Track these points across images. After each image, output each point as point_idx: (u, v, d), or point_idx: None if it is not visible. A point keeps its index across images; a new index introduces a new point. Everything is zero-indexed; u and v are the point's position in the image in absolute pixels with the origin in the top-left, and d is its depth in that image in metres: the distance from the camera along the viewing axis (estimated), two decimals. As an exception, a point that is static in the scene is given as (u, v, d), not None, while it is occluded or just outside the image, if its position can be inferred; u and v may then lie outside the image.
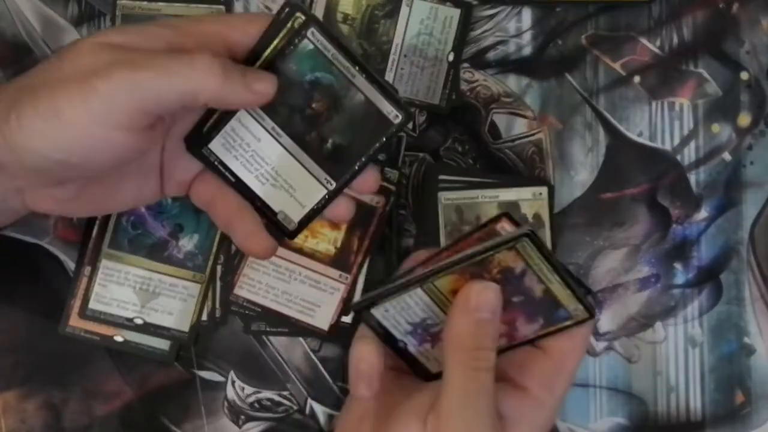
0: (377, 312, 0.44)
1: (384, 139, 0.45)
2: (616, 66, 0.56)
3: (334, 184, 0.46)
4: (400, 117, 0.45)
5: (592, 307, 0.43)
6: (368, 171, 0.47)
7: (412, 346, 0.45)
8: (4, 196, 0.45)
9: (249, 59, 0.44)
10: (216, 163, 0.45)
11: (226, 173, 0.46)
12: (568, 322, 0.44)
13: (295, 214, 0.46)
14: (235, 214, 0.46)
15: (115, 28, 0.42)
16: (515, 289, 0.42)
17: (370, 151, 0.46)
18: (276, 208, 0.46)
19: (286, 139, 0.45)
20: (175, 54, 0.40)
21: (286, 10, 0.43)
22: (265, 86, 0.42)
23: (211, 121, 0.45)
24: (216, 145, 0.45)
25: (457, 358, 0.42)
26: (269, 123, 0.45)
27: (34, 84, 0.41)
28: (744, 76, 0.56)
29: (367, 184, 0.47)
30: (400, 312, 0.44)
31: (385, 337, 0.45)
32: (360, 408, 0.47)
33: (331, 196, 0.46)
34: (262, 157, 0.45)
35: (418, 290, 0.43)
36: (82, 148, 0.40)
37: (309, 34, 0.43)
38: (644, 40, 0.56)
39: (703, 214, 0.56)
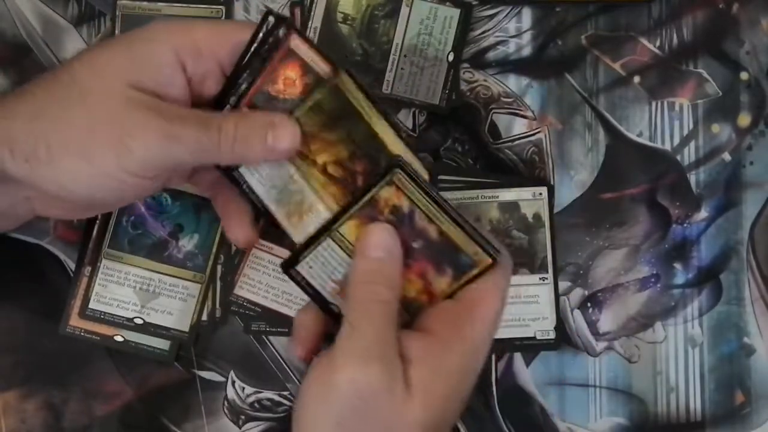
0: (303, 270, 0.44)
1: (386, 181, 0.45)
2: (616, 66, 0.56)
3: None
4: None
5: (494, 249, 0.43)
6: None
7: (342, 308, 0.45)
8: (14, 204, 0.46)
9: (235, 72, 0.44)
10: (245, 187, 0.46)
11: (245, 188, 0.46)
12: (475, 271, 0.43)
13: (303, 232, 0.46)
14: (231, 200, 0.47)
15: (126, 56, 0.42)
16: (411, 232, 0.43)
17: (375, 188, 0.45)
18: (282, 220, 0.46)
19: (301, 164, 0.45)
20: (203, 126, 0.42)
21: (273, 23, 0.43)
22: (285, 145, 0.43)
23: None
24: (244, 169, 0.45)
25: (351, 294, 0.42)
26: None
27: (55, 114, 0.41)
28: (744, 76, 0.56)
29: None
30: (323, 268, 0.44)
31: (319, 301, 0.45)
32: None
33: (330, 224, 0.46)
34: (277, 172, 0.45)
35: (330, 242, 0.44)
36: (111, 192, 0.43)
37: (292, 44, 0.43)
38: (644, 40, 0.56)
39: (703, 214, 0.56)
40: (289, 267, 0.45)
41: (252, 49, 0.43)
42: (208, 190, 0.49)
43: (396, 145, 0.43)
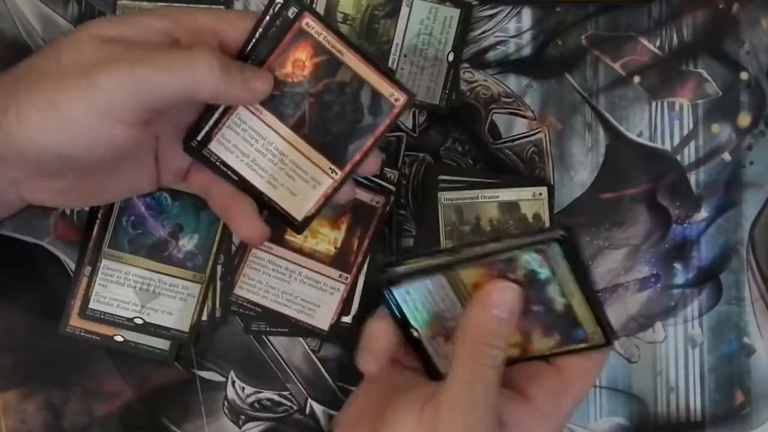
0: (398, 292, 0.43)
1: (387, 122, 0.44)
2: (616, 66, 0.56)
3: (339, 173, 0.45)
4: (402, 98, 0.44)
5: (612, 334, 0.42)
6: (371, 155, 0.46)
7: (425, 337, 0.45)
8: (2, 188, 0.44)
9: (242, 53, 0.43)
10: (218, 163, 0.45)
11: (229, 173, 0.45)
12: (583, 345, 0.43)
13: (302, 208, 0.46)
14: (231, 200, 0.46)
15: (109, 19, 0.42)
16: (537, 297, 0.42)
17: (373, 136, 0.45)
18: (282, 203, 0.46)
19: (287, 131, 0.45)
20: (174, 50, 0.41)
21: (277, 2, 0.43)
22: (262, 83, 0.42)
23: (210, 122, 0.45)
24: (216, 145, 0.45)
25: (465, 350, 0.41)
26: (268, 116, 0.44)
27: (31, 76, 0.41)
28: (744, 76, 0.56)
29: (369, 166, 0.47)
30: (421, 297, 0.43)
31: (401, 322, 0.44)
32: (362, 399, 0.47)
33: (336, 186, 0.46)
34: (263, 153, 0.45)
35: (442, 277, 0.42)
36: (82, 142, 0.41)
37: (304, 24, 0.43)
38: (644, 40, 0.56)
39: (703, 214, 0.56)
40: (388, 285, 0.43)
41: (259, 31, 0.43)
42: (202, 192, 0.48)
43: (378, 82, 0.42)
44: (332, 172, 0.45)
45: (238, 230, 0.47)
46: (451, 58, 0.55)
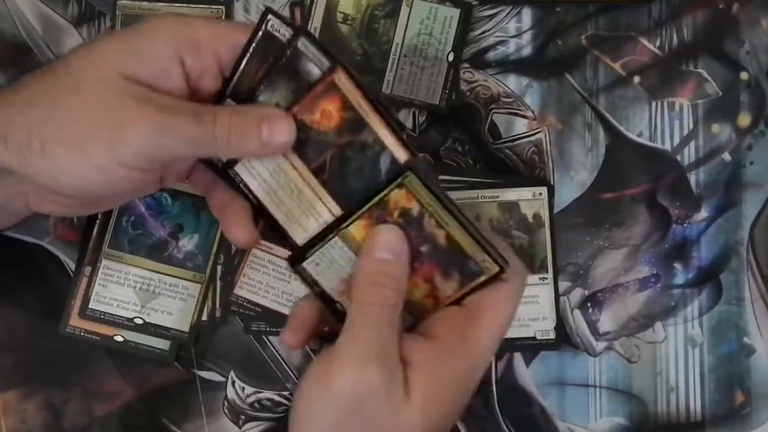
0: (310, 267, 0.44)
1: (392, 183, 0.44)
2: (616, 66, 0.56)
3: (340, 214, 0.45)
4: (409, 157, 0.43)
5: (500, 258, 0.42)
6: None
7: (347, 307, 0.45)
8: (9, 200, 0.45)
9: (232, 76, 0.44)
10: (241, 185, 0.45)
11: (250, 196, 0.45)
12: (482, 278, 0.43)
13: (302, 234, 0.46)
14: (228, 202, 0.46)
15: (116, 46, 0.42)
16: (419, 235, 0.42)
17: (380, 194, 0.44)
18: (293, 236, 0.46)
19: (307, 173, 0.44)
20: (197, 118, 0.41)
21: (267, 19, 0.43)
22: (281, 137, 0.43)
23: None
24: (241, 168, 0.45)
25: (356, 296, 0.42)
26: (292, 155, 0.44)
27: (54, 109, 0.41)
28: (744, 76, 0.56)
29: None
30: (329, 266, 0.44)
31: (324, 299, 0.45)
32: None
33: (334, 225, 0.45)
34: (283, 187, 0.45)
35: (338, 240, 0.43)
36: (101, 182, 0.42)
37: (336, 78, 0.42)
38: (644, 40, 0.56)
39: (703, 214, 0.56)
40: (295, 262, 0.44)
41: (251, 48, 0.43)
42: (204, 190, 0.48)
43: (397, 150, 0.43)
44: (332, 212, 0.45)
45: (229, 231, 0.47)
46: (451, 58, 0.55)
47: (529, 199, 0.54)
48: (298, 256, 0.44)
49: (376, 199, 0.42)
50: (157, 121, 0.41)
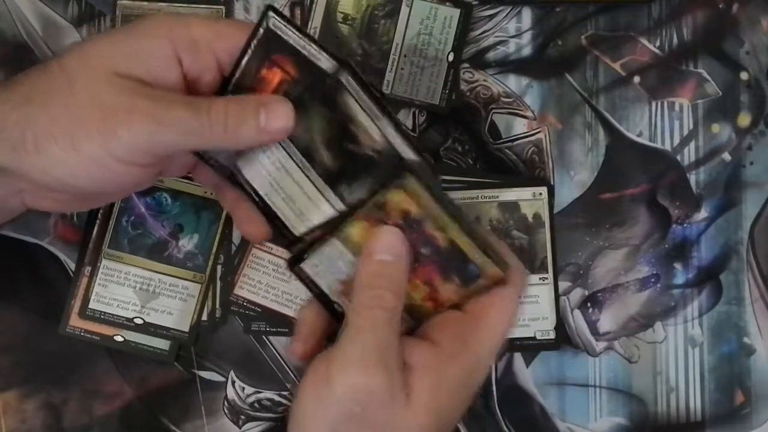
0: (308, 268, 0.44)
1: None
2: (616, 66, 0.56)
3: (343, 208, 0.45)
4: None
5: (502, 261, 0.42)
6: None
7: (346, 307, 0.45)
8: (5, 197, 0.45)
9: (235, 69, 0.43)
10: (242, 182, 0.45)
11: (251, 192, 0.45)
12: (482, 281, 0.42)
13: (300, 225, 0.46)
14: (240, 197, 0.46)
15: (112, 44, 0.42)
16: (419, 238, 0.42)
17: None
18: (280, 212, 0.46)
19: (309, 169, 0.44)
20: (192, 107, 0.41)
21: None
22: (278, 122, 0.42)
23: None
24: (242, 161, 0.45)
25: (356, 299, 0.42)
26: (292, 149, 0.44)
27: (42, 101, 0.41)
28: (744, 76, 0.56)
29: None
30: (328, 267, 0.44)
31: (323, 300, 0.45)
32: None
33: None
34: (280, 178, 0.45)
35: (337, 241, 0.43)
36: (96, 178, 0.42)
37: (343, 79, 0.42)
38: (644, 40, 0.56)
39: (702, 214, 0.56)
40: (294, 264, 0.44)
41: (252, 46, 0.43)
42: (213, 187, 0.48)
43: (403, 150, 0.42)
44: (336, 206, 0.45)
45: (242, 227, 0.47)
46: (451, 58, 0.55)
47: (529, 199, 0.54)
48: (296, 257, 0.44)
49: (374, 200, 0.42)
50: (150, 113, 0.40)
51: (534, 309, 0.54)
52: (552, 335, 0.54)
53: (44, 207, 0.46)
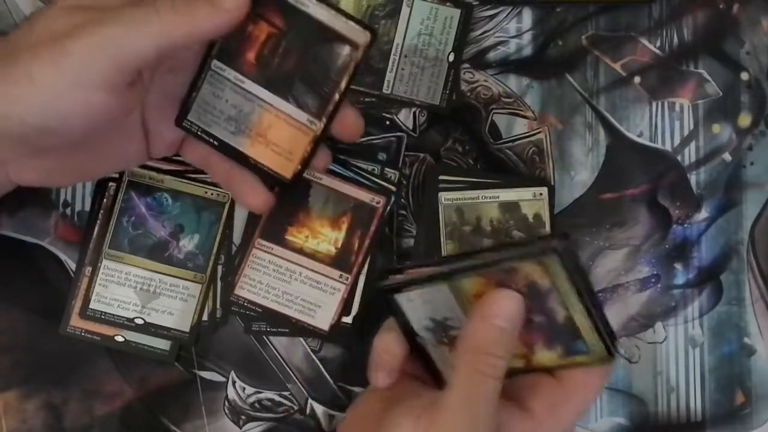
0: (402, 300, 0.43)
1: (354, 64, 0.44)
2: (617, 66, 0.56)
3: (318, 123, 0.45)
4: (365, 37, 0.44)
5: (613, 346, 0.42)
6: (347, 110, 0.46)
7: (430, 344, 0.44)
8: None
9: None
10: (199, 132, 0.45)
11: (212, 140, 0.45)
12: (585, 358, 0.42)
13: (289, 165, 0.46)
14: (232, 170, 0.46)
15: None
16: (538, 308, 0.41)
17: (344, 79, 0.44)
18: (267, 162, 0.46)
19: (256, 88, 0.44)
20: (138, 3, 0.40)
21: None
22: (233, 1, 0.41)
23: (189, 93, 0.45)
24: (194, 115, 0.45)
25: (466, 359, 0.41)
26: (232, 73, 0.44)
27: (6, 51, 0.41)
28: (744, 76, 0.56)
29: (348, 124, 0.46)
30: (424, 304, 0.43)
31: (405, 329, 0.44)
32: (364, 404, 0.46)
33: (318, 139, 0.45)
34: (238, 115, 0.45)
35: (443, 285, 0.42)
36: (60, 112, 0.40)
37: None
38: (644, 41, 0.56)
39: (703, 214, 0.56)
40: (389, 293, 0.43)
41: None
42: (201, 163, 0.48)
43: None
44: (312, 124, 0.45)
45: (243, 199, 0.46)
46: (451, 58, 0.55)
47: (529, 199, 0.54)
48: (393, 287, 0.43)
49: (504, 264, 0.40)
50: (96, 19, 0.39)
51: (534, 309, 0.54)
52: (552, 335, 0.54)
53: (29, 180, 0.45)
